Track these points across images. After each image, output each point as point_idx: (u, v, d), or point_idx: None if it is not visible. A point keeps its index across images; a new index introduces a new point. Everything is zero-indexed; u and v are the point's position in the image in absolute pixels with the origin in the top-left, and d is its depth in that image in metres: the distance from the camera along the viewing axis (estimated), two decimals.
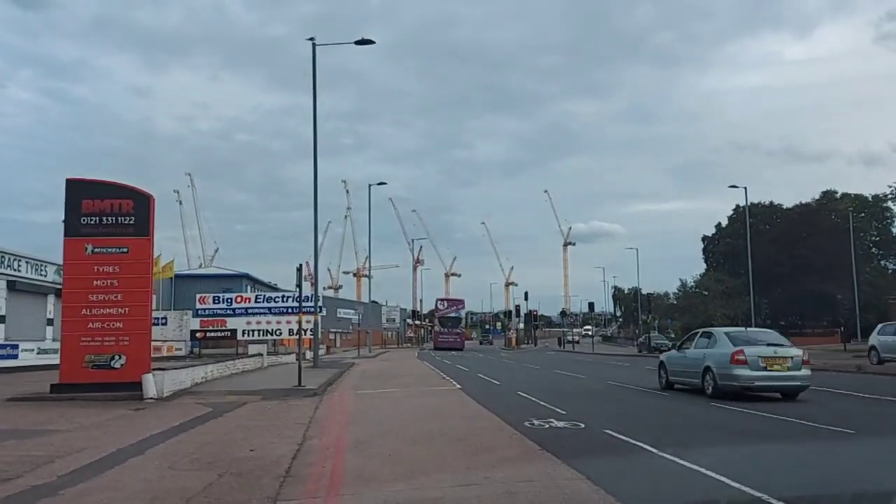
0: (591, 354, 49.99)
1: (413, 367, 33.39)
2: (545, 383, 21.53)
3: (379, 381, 23.06)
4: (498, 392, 18.64)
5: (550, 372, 27.73)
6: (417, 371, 29.09)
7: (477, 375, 25.37)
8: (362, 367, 32.95)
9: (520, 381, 23.01)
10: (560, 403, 14.45)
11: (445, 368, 30.70)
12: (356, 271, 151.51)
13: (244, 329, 51.75)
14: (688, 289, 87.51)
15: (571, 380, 23.51)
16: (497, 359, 42.71)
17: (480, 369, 29.89)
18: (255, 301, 53.42)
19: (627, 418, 12.64)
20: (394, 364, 36.91)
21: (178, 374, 18.59)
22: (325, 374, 24.67)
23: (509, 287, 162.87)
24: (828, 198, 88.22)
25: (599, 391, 18.92)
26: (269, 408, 15.49)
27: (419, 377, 24.89)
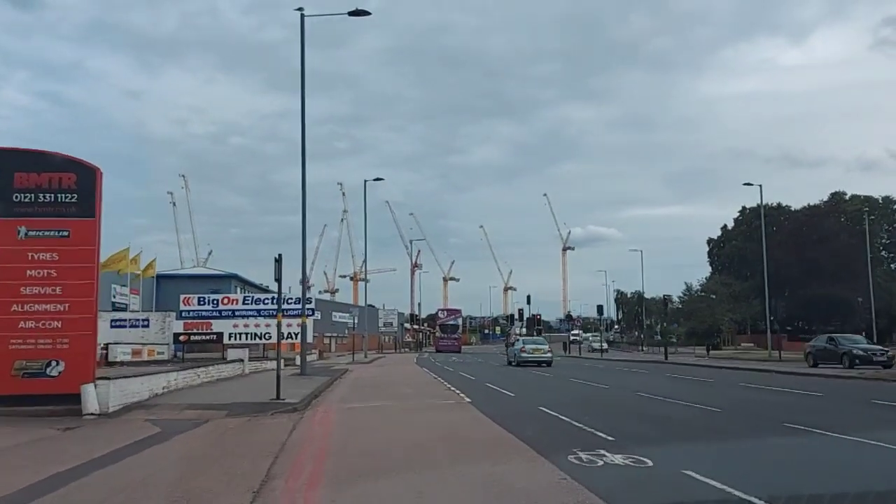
0: (602, 360, 46.79)
1: (412, 374, 30.16)
2: (566, 395, 18.33)
3: (373, 392, 19.80)
4: (515, 407, 15.40)
5: (566, 381, 24.52)
6: (417, 379, 25.85)
7: (485, 385, 22.13)
8: (355, 375, 29.74)
9: (535, 392, 19.81)
10: (599, 424, 11.27)
11: (448, 376, 27.48)
12: (353, 275, 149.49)
13: (231, 332, 48.36)
14: (693, 293, 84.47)
15: (593, 390, 20.33)
16: (501, 365, 39.48)
17: (487, 377, 26.67)
18: (242, 303, 50.08)
19: (709, 452, 9.43)
20: (390, 371, 33.67)
21: (130, 384, 15.35)
22: (312, 384, 21.47)
23: (508, 291, 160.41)
24: (837, 199, 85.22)
25: (637, 406, 15.71)
26: (234, 428, 12.29)
27: (419, 387, 21.65)
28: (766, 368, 30.96)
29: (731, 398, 17.09)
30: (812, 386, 20.70)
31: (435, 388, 20.85)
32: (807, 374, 26.69)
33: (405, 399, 17.30)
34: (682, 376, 26.87)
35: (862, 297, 75.28)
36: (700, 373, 29.32)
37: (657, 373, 29.50)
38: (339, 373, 29.28)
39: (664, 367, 34.11)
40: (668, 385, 21.88)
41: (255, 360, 32.16)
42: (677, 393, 18.38)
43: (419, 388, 20.89)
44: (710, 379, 25.18)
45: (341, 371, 30.88)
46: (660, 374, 28.32)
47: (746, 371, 30.07)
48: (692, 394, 18.23)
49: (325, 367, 34.58)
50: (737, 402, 16.16)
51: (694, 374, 27.94)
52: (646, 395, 17.88)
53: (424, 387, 21.76)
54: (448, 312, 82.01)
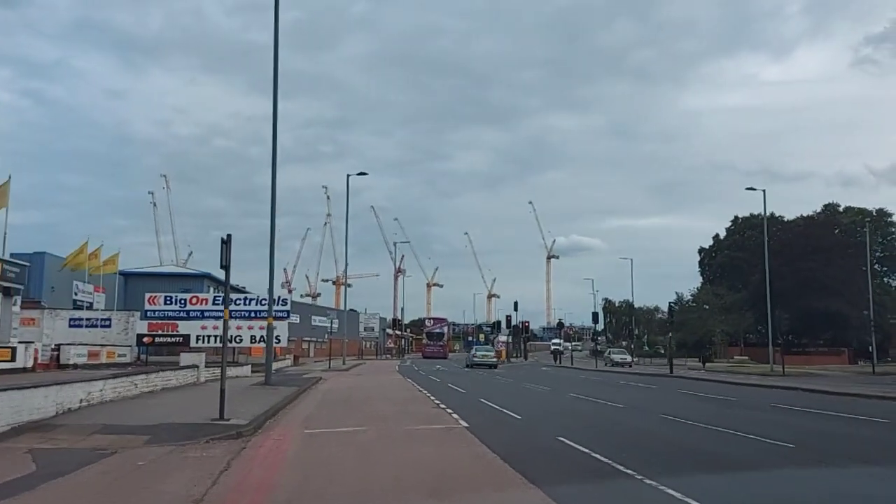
0: (597, 372, 43.31)
1: (393, 385, 26.52)
2: (582, 419, 14.82)
3: (344, 411, 16.12)
4: (527, 438, 11.82)
5: (570, 397, 21.04)
6: (399, 393, 22.18)
7: (479, 402, 18.58)
8: (328, 385, 26.07)
9: (543, 412, 16.32)
10: (649, 468, 7.84)
11: (434, 388, 23.92)
12: (336, 279, 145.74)
13: (199, 335, 44.69)
14: (684, 303, 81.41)
15: (609, 411, 16.81)
16: (490, 375, 35.93)
17: (479, 391, 23.12)
18: (212, 303, 46.28)
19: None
20: (369, 381, 29.98)
21: (29, 398, 11.64)
22: (273, 397, 17.84)
23: (492, 299, 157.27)
24: (830, 211, 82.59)
25: (677, 437, 12.21)
26: (144, 466, 8.67)
27: (402, 403, 18.04)
28: (790, 385, 27.62)
29: (789, 427, 13.61)
30: (872, 410, 17.34)
31: (421, 406, 17.24)
32: (846, 395, 23.35)
33: (384, 421, 13.67)
34: (698, 393, 23.44)
35: (858, 310, 72.68)
36: (713, 389, 25.91)
37: (667, 389, 26.04)
38: (309, 382, 25.61)
39: (671, 382, 30.67)
40: (692, 405, 18.44)
41: (217, 366, 28.37)
42: (711, 416, 14.93)
43: (402, 406, 17.27)
44: (731, 397, 21.77)
45: (313, 380, 27.19)
46: (671, 391, 24.90)
47: (766, 389, 26.71)
48: (731, 419, 14.77)
49: (295, 376, 30.94)
50: (804, 434, 12.68)
51: (709, 391, 24.50)
52: (675, 420, 14.41)
53: (408, 403, 18.14)
54: (434, 321, 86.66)
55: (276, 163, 25.25)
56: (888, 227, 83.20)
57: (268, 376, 23.25)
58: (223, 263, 13.23)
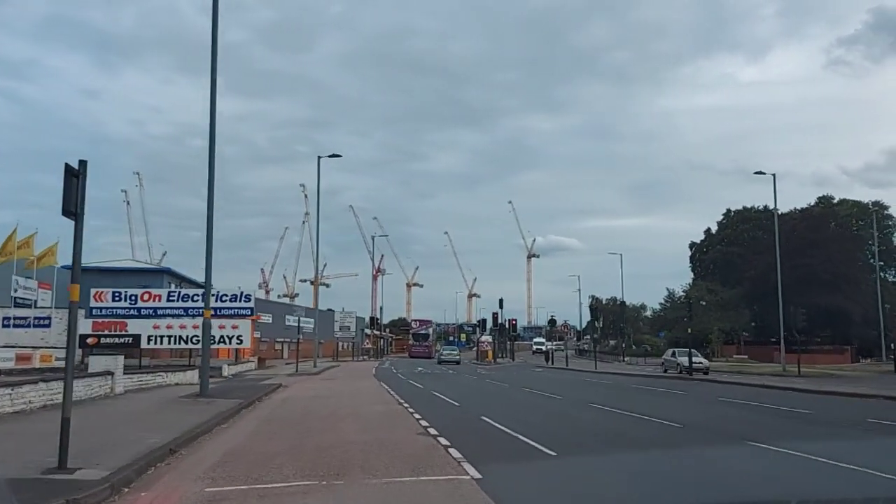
0: (602, 374, 37.97)
1: (367, 394, 20.98)
2: (662, 463, 9.59)
3: (290, 442, 10.54)
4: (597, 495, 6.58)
5: (599, 410, 15.80)
6: (373, 406, 16.59)
7: (482, 422, 13.18)
8: (287, 394, 20.62)
9: (587, 442, 11.01)
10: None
11: (417, 398, 18.61)
12: (313, 279, 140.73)
13: (151, 335, 38.89)
14: (676, 299, 76.69)
15: (677, 434, 11.64)
16: (480, 380, 30.61)
17: (475, 403, 17.86)
18: (167, 299, 40.47)
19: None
20: (339, 388, 24.47)
21: None
22: (195, 417, 12.44)
23: (472, 298, 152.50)
24: (825, 204, 78.29)
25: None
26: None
27: (376, 425, 12.61)
28: (840, 391, 22.59)
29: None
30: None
31: (402, 430, 11.81)
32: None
33: (345, 470, 8.24)
34: (753, 402, 18.31)
35: (859, 306, 68.47)
36: (761, 397, 20.78)
37: (708, 398, 20.79)
38: (263, 391, 20.15)
39: (700, 388, 25.51)
40: (771, 425, 13.30)
41: (150, 373, 22.82)
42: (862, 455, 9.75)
43: (376, 430, 11.88)
44: (805, 409, 16.65)
45: (268, 389, 21.71)
46: (717, 401, 19.76)
47: (824, 396, 21.59)
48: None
49: (251, 382, 25.49)
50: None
51: (762, 399, 19.37)
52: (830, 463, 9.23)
53: (384, 424, 12.75)
54: (420, 323, 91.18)
55: (214, 128, 19.76)
56: (885, 221, 79.10)
57: (203, 386, 17.76)
58: (70, 207, 7.75)
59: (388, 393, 20.76)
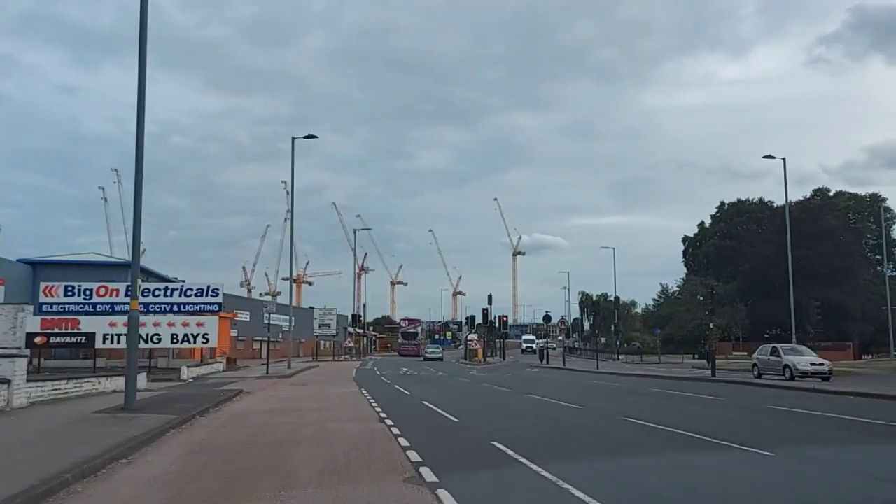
0: (600, 374, 34.20)
1: (342, 405, 16.70)
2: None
3: (211, 496, 6.69)
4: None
5: (648, 430, 11.80)
6: (344, 428, 11.88)
7: (496, 448, 9.22)
8: (243, 406, 16.50)
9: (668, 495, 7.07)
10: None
11: (404, 412, 14.64)
12: (296, 277, 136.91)
13: (107, 333, 34.60)
14: (670, 295, 73.26)
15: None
16: (474, 384, 26.57)
17: (479, 417, 13.91)
18: (125, 294, 36.13)
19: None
20: (309, 396, 20.25)
21: None
22: (78, 452, 8.41)
23: (457, 297, 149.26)
24: (821, 196, 75.06)
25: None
26: None
27: (343, 465, 8.27)
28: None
29: None
30: None
31: (383, 476, 7.67)
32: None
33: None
34: (821, 413, 14.47)
35: (858, 301, 65.38)
36: (819, 403, 16.96)
37: (757, 408, 17.02)
38: (212, 402, 16.05)
39: (735, 392, 21.68)
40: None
41: (76, 379, 18.60)
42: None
43: (342, 475, 7.76)
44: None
45: (223, 397, 17.61)
46: (758, 408, 15.94)
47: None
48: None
49: (205, 388, 21.39)
50: None
51: (827, 409, 15.54)
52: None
53: (357, 463, 8.54)
54: (409, 322, 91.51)
55: (143, 92, 15.53)
56: (883, 213, 76.01)
57: (128, 396, 13.63)
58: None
59: (368, 403, 16.71)
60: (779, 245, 67.48)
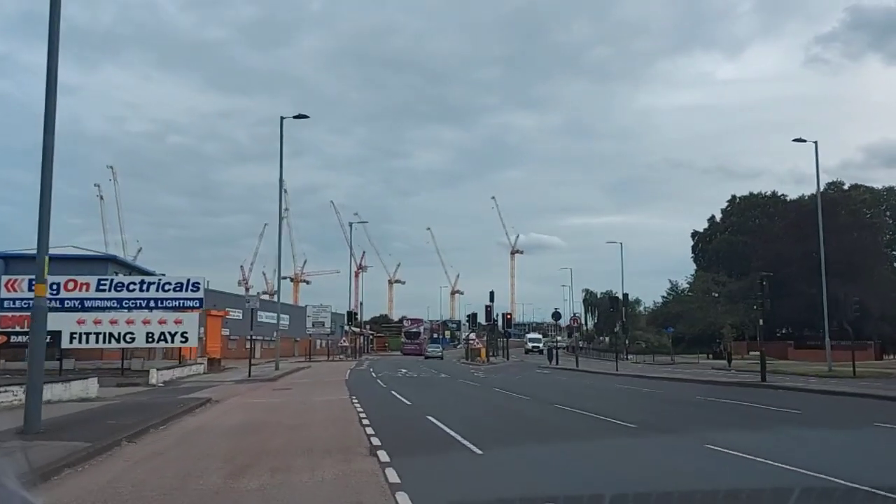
0: (626, 377, 30.14)
1: (321, 425, 12.31)
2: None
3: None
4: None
5: (776, 473, 8.10)
6: (318, 465, 8.26)
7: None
8: (190, 426, 12.59)
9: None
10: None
11: (404, 434, 10.98)
12: (294, 276, 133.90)
13: (74, 332, 31.07)
14: (679, 292, 69.61)
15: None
16: (483, 389, 22.88)
17: (511, 442, 10.29)
18: (96, 288, 32.57)
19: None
20: (285, 408, 16.16)
21: None
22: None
23: (455, 295, 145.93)
24: (835, 189, 71.24)
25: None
26: None
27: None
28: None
29: None
30: None
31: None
32: None
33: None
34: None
35: (877, 298, 61.83)
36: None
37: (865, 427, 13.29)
38: (161, 417, 12.35)
39: (793, 401, 18.06)
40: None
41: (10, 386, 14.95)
42: None
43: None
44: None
45: (182, 409, 13.92)
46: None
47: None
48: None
49: (168, 397, 17.67)
50: None
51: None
52: None
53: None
54: (412, 321, 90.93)
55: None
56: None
57: (30, 415, 9.93)
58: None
59: (358, 419, 12.97)
60: (793, 240, 64.01)
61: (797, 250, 62.94)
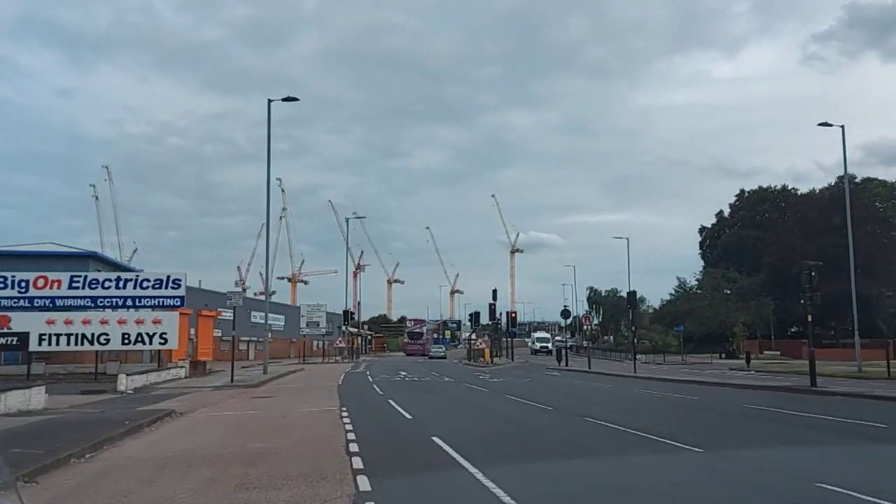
0: (658, 382, 26.96)
1: (291, 458, 8.97)
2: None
3: None
4: None
5: None
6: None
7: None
8: (114, 458, 9.46)
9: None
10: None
11: (411, 476, 8.12)
12: (292, 276, 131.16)
13: (43, 333, 28.17)
14: (688, 290, 66.77)
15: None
16: (495, 395, 20.07)
17: (538, 467, 7.52)
18: (68, 286, 29.64)
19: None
20: (256, 425, 13.04)
21: None
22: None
23: (454, 295, 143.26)
24: (847, 182, 68.29)
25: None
26: None
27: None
28: None
29: None
30: None
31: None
32: None
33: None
34: None
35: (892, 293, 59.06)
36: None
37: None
38: (86, 443, 9.52)
39: (869, 411, 15.30)
40: None
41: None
42: None
43: None
44: None
45: (122, 429, 11.09)
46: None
47: None
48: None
49: (121, 408, 14.82)
50: None
51: None
52: None
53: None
54: (415, 322, 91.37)
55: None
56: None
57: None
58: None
59: (344, 441, 10.13)
60: (806, 234, 61.25)
61: (811, 245, 60.17)
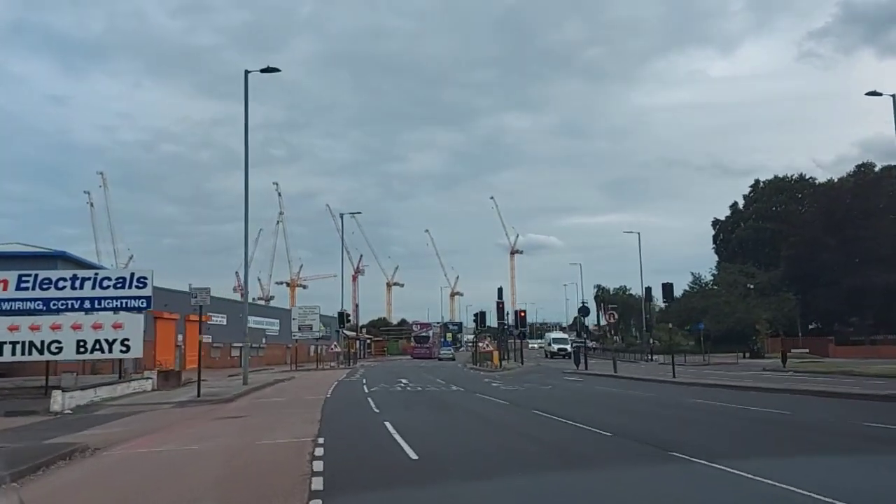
0: (709, 388, 22.39)
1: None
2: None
3: None
4: None
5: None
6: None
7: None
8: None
9: None
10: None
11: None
12: (290, 281, 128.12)
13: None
14: (703, 285, 62.55)
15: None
16: (519, 411, 15.79)
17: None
18: (16, 286, 25.34)
19: None
20: (188, 471, 9.14)
21: None
22: None
23: (455, 297, 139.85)
24: (866, 172, 64.21)
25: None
26: None
27: None
28: None
29: None
30: None
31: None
32: None
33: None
34: None
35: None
36: None
37: None
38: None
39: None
40: None
41: None
42: None
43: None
44: None
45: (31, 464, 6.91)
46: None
47: None
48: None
49: (25, 442, 10.57)
50: None
51: None
52: None
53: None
54: (421, 325, 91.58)
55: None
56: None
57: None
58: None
59: None
60: (828, 225, 57.19)
61: (832, 237, 56.13)
